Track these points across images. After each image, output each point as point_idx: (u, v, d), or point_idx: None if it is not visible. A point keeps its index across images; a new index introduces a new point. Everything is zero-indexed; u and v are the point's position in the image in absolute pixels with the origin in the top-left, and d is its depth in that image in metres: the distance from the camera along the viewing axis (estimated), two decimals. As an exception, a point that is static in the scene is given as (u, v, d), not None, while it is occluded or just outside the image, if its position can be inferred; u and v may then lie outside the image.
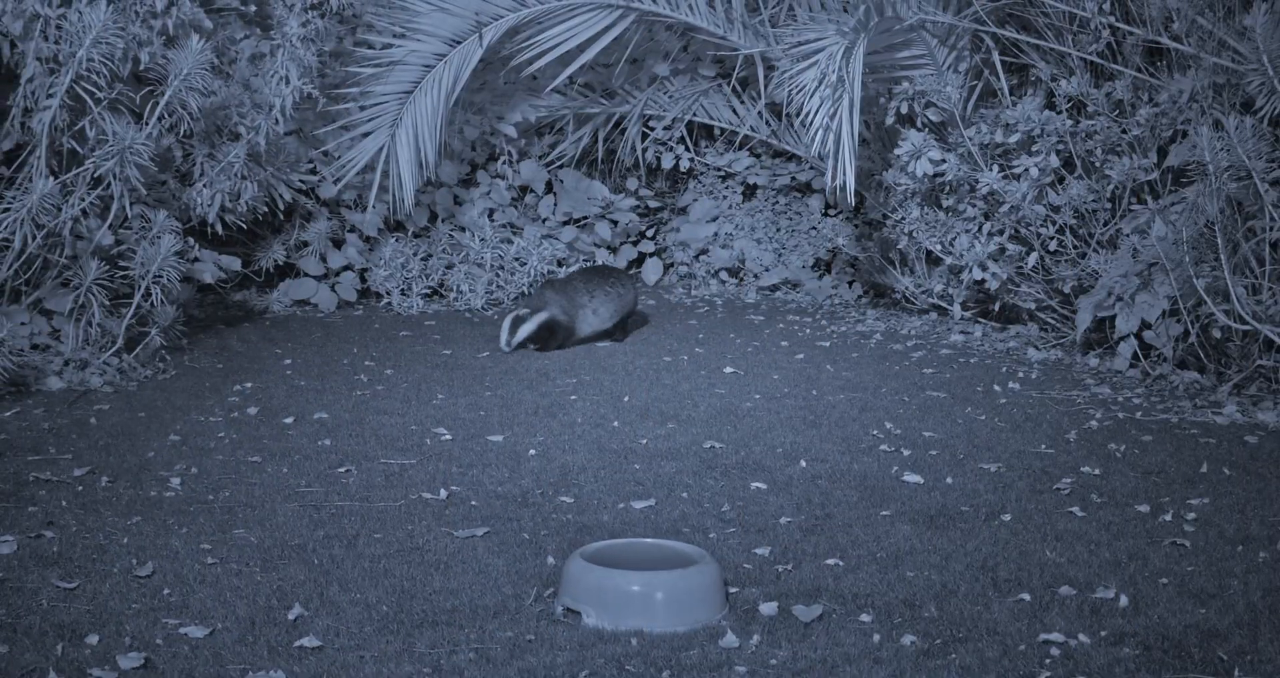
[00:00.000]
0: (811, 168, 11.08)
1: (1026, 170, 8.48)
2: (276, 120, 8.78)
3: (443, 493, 5.79)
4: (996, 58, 9.04)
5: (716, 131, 11.47)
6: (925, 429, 6.82)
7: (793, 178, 11.28)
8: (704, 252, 11.30)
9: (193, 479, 5.98)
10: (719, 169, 11.45)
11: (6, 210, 7.55)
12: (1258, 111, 7.47)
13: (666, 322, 9.85)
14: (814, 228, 11.12)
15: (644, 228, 11.55)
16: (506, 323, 8.53)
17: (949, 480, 5.99)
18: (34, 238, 7.53)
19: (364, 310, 10.22)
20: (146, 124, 8.00)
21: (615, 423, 6.95)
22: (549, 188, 11.22)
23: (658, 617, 4.42)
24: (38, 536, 5.19)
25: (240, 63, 8.84)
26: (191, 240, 8.75)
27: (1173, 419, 6.95)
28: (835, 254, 10.97)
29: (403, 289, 10.29)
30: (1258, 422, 6.89)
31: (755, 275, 11.13)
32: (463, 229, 10.71)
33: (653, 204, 11.56)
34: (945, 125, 9.10)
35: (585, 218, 11.08)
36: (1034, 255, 8.62)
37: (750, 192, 11.48)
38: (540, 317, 8.52)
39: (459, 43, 9.73)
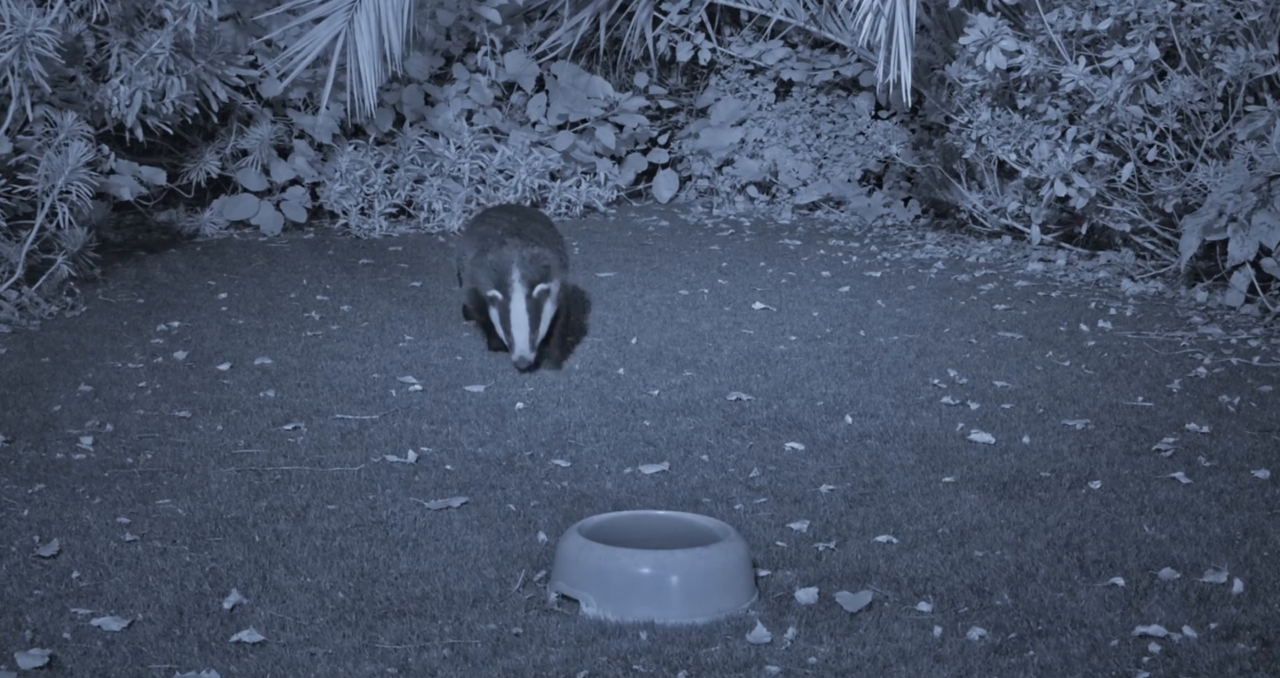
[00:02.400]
0: (858, 60, 11.04)
1: (1120, 63, 8.44)
2: (209, 3, 8.74)
3: (411, 455, 5.79)
4: (1085, -75, 8.96)
5: (743, 16, 11.42)
6: (997, 378, 6.82)
7: (836, 73, 11.25)
8: (728, 162, 11.29)
9: (108, 439, 5.97)
10: (746, 62, 11.41)
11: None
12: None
13: (683, 248, 9.83)
14: (861, 133, 11.12)
15: (655, 134, 11.54)
16: (519, 310, 6.80)
17: (1025, 440, 5.98)
18: (-86, 145, 7.52)
19: (315, 234, 10.21)
20: (51, 7, 7.94)
21: (621, 370, 6.96)
22: (540, 85, 11.20)
23: (672, 606, 4.42)
24: (-80, 507, 5.21)
25: (163, -69, 8.79)
26: (106, 148, 8.71)
27: (1297, 366, 7.00)
28: (887, 165, 10.98)
29: (362, 208, 10.32)
30: (1400, 369, 6.92)
31: (790, 191, 11.13)
32: (435, 135, 10.71)
33: (666, 105, 11.54)
34: (1021, 9, 9.05)
35: (584, 121, 11.04)
36: (1129, 167, 8.59)
37: (785, 89, 11.44)
38: (556, 287, 6.92)
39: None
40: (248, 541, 4.98)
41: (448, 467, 5.70)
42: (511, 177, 10.56)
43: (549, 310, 6.87)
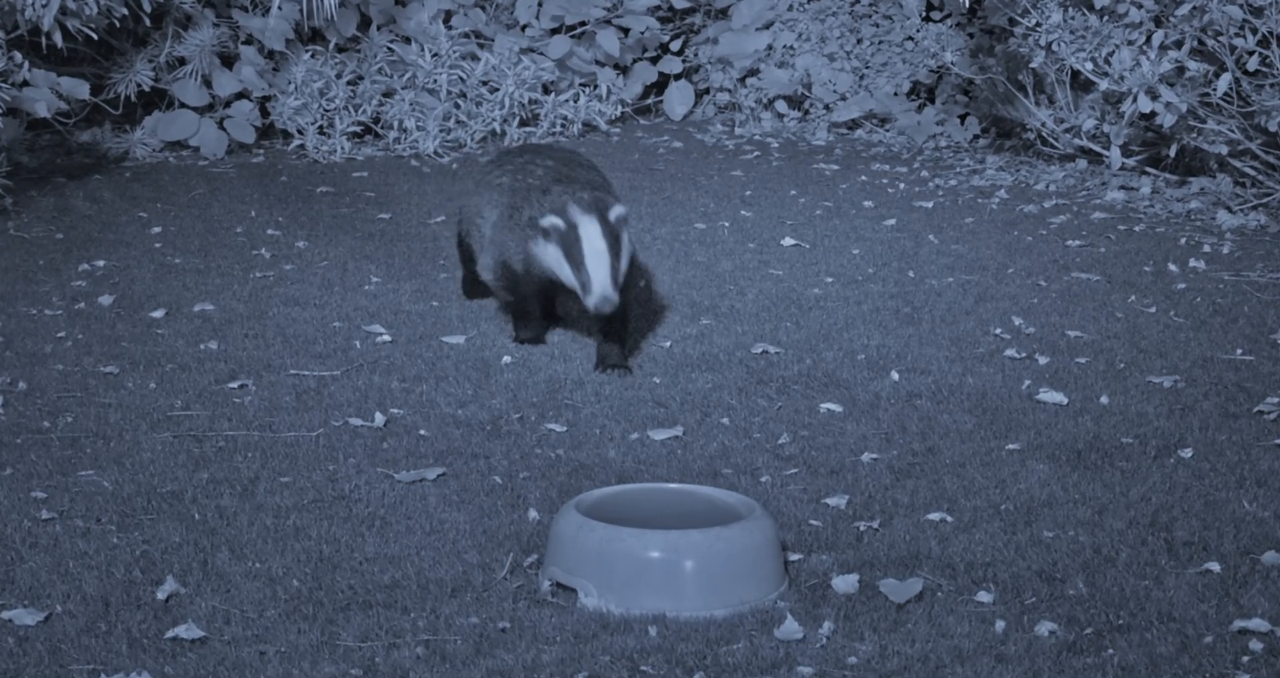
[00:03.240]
0: (907, -49, 11.02)
1: (1218, -46, 8.40)
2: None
3: (379, 418, 5.80)
4: None
5: (771, -101, 11.39)
6: (1070, 327, 6.83)
7: (880, -34, 11.23)
8: (753, 73, 11.27)
9: (20, 399, 5.98)
10: (774, -46, 11.39)
11: None
12: None
13: (699, 173, 9.80)
14: (910, 38, 11.09)
15: (667, 39, 11.52)
16: (593, 236, 6.20)
17: (1104, 400, 5.99)
18: None
19: (266, 157, 10.21)
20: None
21: (625, 318, 6.97)
22: (530, -19, 11.18)
23: (686, 596, 4.42)
24: None
25: None
26: (19, 57, 8.67)
27: None
28: (941, 76, 10.96)
29: (321, 127, 10.31)
30: None
31: (826, 106, 11.12)
32: (407, 40, 10.68)
33: (680, 4, 11.50)
34: (1101, -111, 9.02)
35: (583, 24, 11.03)
36: (1225, 78, 8.55)
37: (819, -14, 11.42)
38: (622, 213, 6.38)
39: None
40: (186, 519, 4.97)
41: (422, 432, 5.70)
42: (497, 89, 10.56)
43: (627, 240, 6.29)
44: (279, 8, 10.01)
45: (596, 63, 11.09)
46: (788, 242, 8.18)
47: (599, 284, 6.13)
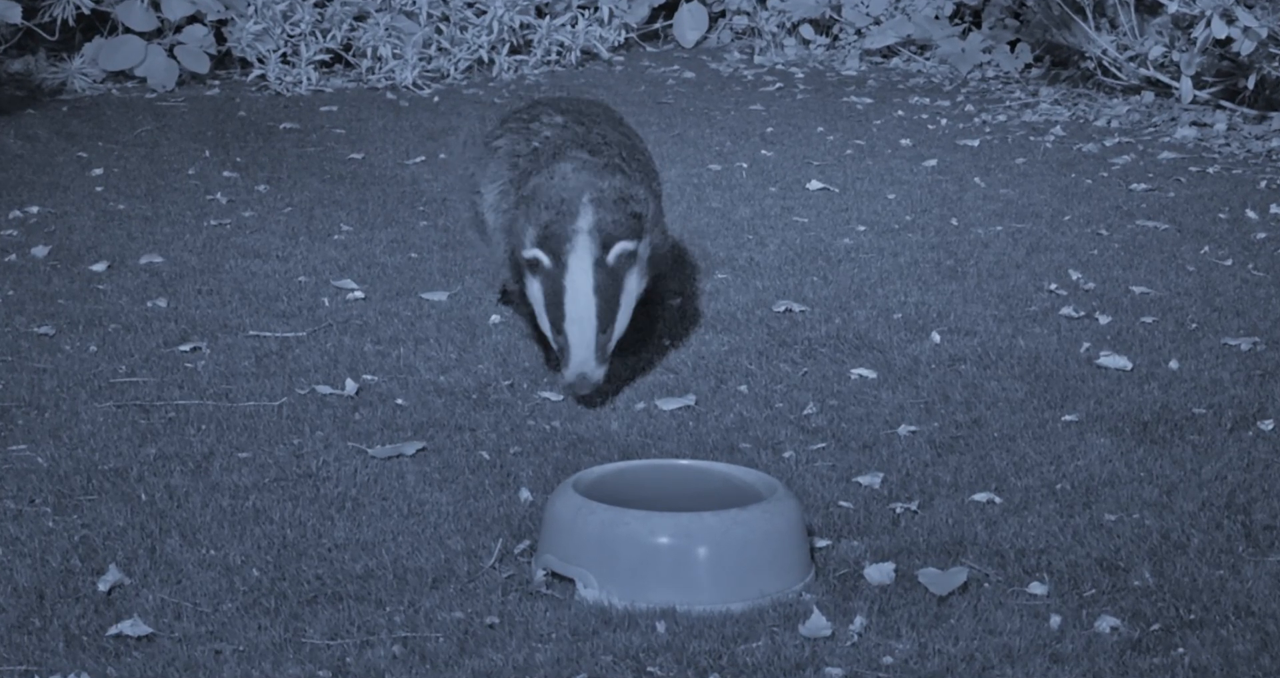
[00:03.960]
0: None
1: None
2: None
3: (350, 385, 5.81)
4: None
5: None
6: (1134, 282, 6.83)
7: None
8: (774, -7, 11.29)
9: (-55, 363, 6.00)
10: None
11: None
12: None
13: (714, 108, 9.81)
14: (953, -46, 11.08)
15: (676, -46, 11.51)
16: (582, 287, 5.50)
17: (1173, 366, 5.99)
18: None
19: (222, 89, 10.22)
20: None
21: (630, 272, 6.96)
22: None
23: (699, 587, 4.42)
24: None
25: None
26: (-61, -26, 8.65)
27: None
28: (988, -3, 10.93)
29: (285, 55, 10.33)
30: None
31: (858, 31, 11.14)
32: (382, -44, 10.68)
33: (691, -85, 11.50)
34: None
35: (581, -62, 11.04)
36: (1314, -2, 8.54)
37: (850, -106, 11.40)
38: (645, 249, 5.69)
39: None
40: (131, 500, 4.96)
41: (399, 401, 5.70)
42: (484, 12, 10.54)
43: (633, 287, 5.61)
44: (236, -81, 10.00)
45: (596, -19, 11.09)
46: (814, 185, 8.18)
47: (575, 359, 5.52)
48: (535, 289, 5.57)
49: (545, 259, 5.51)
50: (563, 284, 5.49)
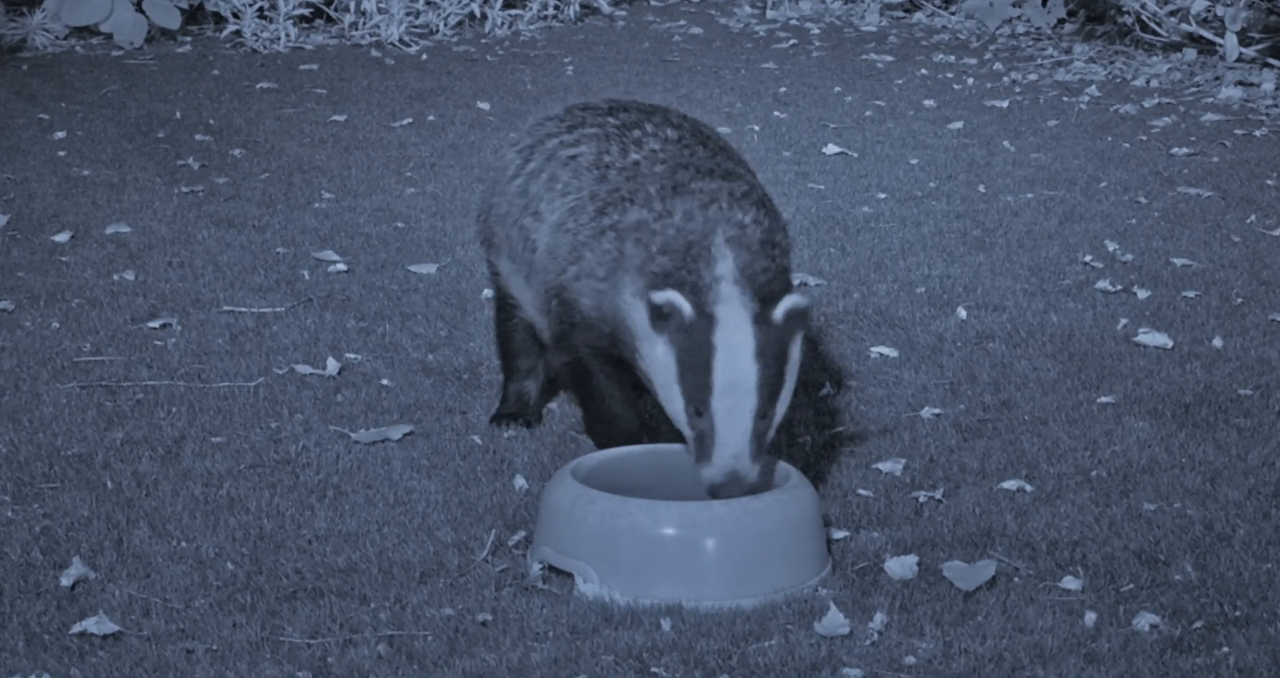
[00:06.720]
0: None
1: None
2: None
3: (332, 365, 5.82)
4: None
5: None
6: (1175, 254, 6.85)
7: None
8: (786, -56, 11.37)
9: (-103, 340, 6.02)
10: None
11: None
12: None
13: (723, 65, 9.87)
14: (976, -98, 11.12)
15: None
16: (743, 356, 4.47)
17: (1217, 343, 6.00)
18: None
19: (194, 46, 10.30)
20: None
21: (632, 241, 6.98)
22: None
23: (707, 581, 4.42)
24: None
25: None
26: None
27: None
28: (1014, -51, 10.97)
29: (262, 8, 10.38)
30: None
31: (875, -15, 11.19)
32: (368, -95, 10.68)
33: None
34: None
35: (581, -115, 11.12)
36: (1361, -52, 8.54)
37: None
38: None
39: None
40: (96, 488, 4.97)
41: (384, 382, 5.72)
42: (477, -36, 10.61)
43: (797, 358, 4.61)
44: None
45: (598, -68, 11.17)
46: (831, 149, 8.23)
47: (726, 452, 4.46)
48: (659, 350, 4.52)
49: (685, 308, 4.46)
50: (712, 345, 4.43)
